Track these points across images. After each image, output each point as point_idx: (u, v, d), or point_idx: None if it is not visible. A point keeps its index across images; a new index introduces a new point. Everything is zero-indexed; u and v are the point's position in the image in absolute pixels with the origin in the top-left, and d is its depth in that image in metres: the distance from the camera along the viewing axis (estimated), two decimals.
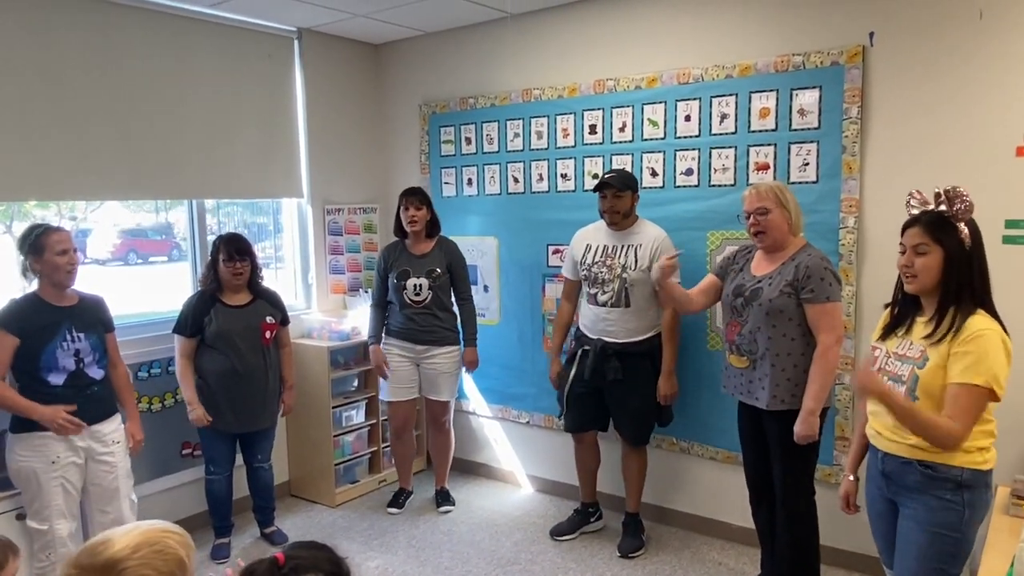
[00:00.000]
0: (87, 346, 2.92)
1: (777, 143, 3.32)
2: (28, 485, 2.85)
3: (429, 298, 3.85)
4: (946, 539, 2.04)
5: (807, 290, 2.69)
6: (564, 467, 4.09)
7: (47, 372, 2.84)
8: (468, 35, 4.30)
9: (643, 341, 3.41)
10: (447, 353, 3.94)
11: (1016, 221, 2.84)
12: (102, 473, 2.98)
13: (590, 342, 3.47)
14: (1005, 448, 2.83)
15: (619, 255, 3.40)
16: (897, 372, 2.13)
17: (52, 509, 2.85)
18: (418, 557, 3.60)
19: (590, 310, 3.50)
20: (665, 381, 3.43)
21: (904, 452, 2.11)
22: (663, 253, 3.30)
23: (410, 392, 4.01)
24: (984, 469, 2.07)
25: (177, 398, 3.78)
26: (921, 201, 2.14)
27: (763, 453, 2.94)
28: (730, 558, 3.52)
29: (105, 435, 2.99)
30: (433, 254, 3.89)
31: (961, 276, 2.04)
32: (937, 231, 2.05)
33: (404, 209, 3.84)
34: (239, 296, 3.53)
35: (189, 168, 3.84)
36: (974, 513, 2.06)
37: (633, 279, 3.36)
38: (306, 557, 1.28)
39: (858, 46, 3.10)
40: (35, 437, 2.82)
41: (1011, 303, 2.81)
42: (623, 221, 3.41)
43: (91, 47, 3.44)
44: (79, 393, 2.90)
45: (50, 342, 2.83)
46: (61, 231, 2.86)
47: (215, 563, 3.58)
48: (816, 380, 2.71)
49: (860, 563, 3.29)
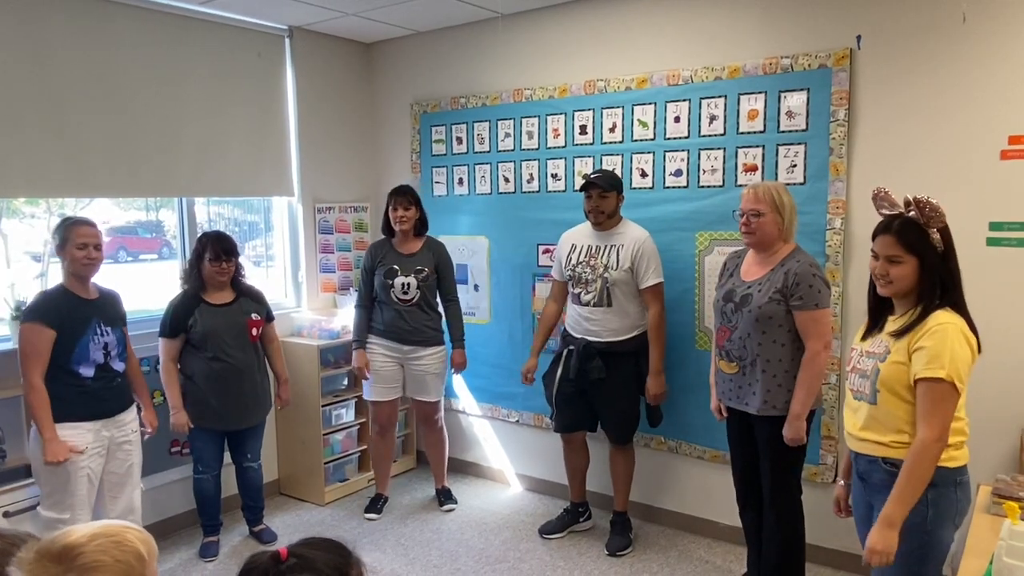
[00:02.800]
0: (114, 339, 3.00)
1: (765, 145, 3.35)
2: (54, 476, 2.86)
3: (416, 297, 3.85)
4: (911, 539, 2.02)
5: (796, 297, 2.72)
6: (553, 466, 4.10)
7: (78, 364, 2.90)
8: (459, 35, 4.31)
9: (626, 341, 3.43)
10: (434, 354, 3.95)
11: (1000, 223, 2.88)
12: (119, 460, 3.07)
13: (575, 342, 3.49)
14: (987, 447, 2.87)
15: (602, 255, 3.43)
16: (864, 369, 2.15)
17: (77, 499, 2.90)
18: (407, 555, 3.61)
19: (574, 310, 3.53)
20: (653, 381, 3.44)
21: (870, 450, 2.14)
22: (645, 254, 3.36)
23: (394, 392, 4.01)
24: (950, 467, 2.03)
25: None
26: (890, 203, 2.15)
27: (751, 455, 2.96)
28: (717, 556, 3.54)
29: (125, 424, 3.09)
30: (421, 254, 3.89)
31: (935, 281, 2.04)
32: (911, 241, 2.03)
33: (393, 208, 3.83)
34: (222, 294, 3.52)
35: (179, 166, 3.83)
36: (939, 513, 2.03)
37: (615, 279, 3.38)
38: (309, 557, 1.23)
39: (846, 49, 3.13)
40: (66, 427, 2.87)
41: (994, 304, 2.86)
42: (607, 221, 3.44)
43: (81, 44, 3.43)
44: (107, 385, 2.99)
45: (83, 335, 2.90)
46: (88, 226, 2.91)
47: (203, 561, 3.57)
48: (803, 385, 2.73)
49: (845, 561, 3.33)
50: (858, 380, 2.17)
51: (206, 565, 3.55)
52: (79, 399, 2.90)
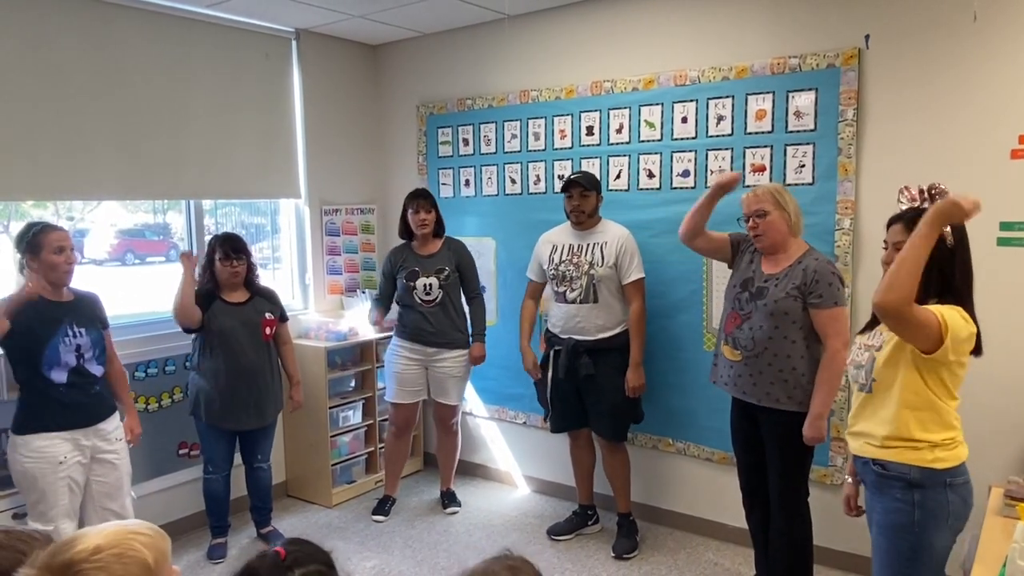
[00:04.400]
0: (87, 341, 2.92)
1: (773, 145, 3.34)
2: (33, 486, 2.81)
3: (440, 297, 3.86)
4: (899, 541, 2.01)
5: (815, 295, 2.70)
6: (561, 468, 4.09)
7: (49, 368, 2.82)
8: (466, 36, 4.31)
9: (613, 337, 3.48)
10: (456, 357, 3.95)
11: (1010, 223, 2.86)
12: (106, 470, 2.99)
13: (560, 342, 3.54)
14: (997, 449, 2.85)
15: (585, 253, 3.48)
16: (860, 360, 2.16)
17: (58, 509, 2.83)
18: (414, 557, 3.61)
19: (559, 309, 3.56)
20: (632, 372, 3.46)
21: (863, 451, 2.14)
22: (627, 251, 3.44)
23: (417, 395, 4.02)
24: (937, 468, 2.00)
25: (174, 398, 3.79)
26: (910, 197, 2.13)
27: (756, 453, 2.95)
28: (726, 558, 3.53)
29: (108, 433, 3.00)
30: (441, 254, 3.90)
31: (941, 274, 2.00)
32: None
33: (414, 212, 3.84)
34: (237, 294, 3.55)
35: (187, 168, 3.84)
36: (927, 515, 1.99)
37: (600, 275, 3.44)
38: (302, 550, 1.30)
39: (854, 48, 3.11)
40: (41, 438, 2.81)
41: (1005, 304, 2.84)
42: (588, 221, 3.51)
43: (89, 47, 3.44)
44: (82, 392, 2.90)
45: (52, 337, 2.82)
46: (59, 229, 2.86)
47: (211, 563, 3.58)
48: (824, 385, 2.72)
49: (854, 563, 3.30)
50: (854, 371, 2.18)
51: (214, 567, 3.56)
52: (53, 409, 2.82)
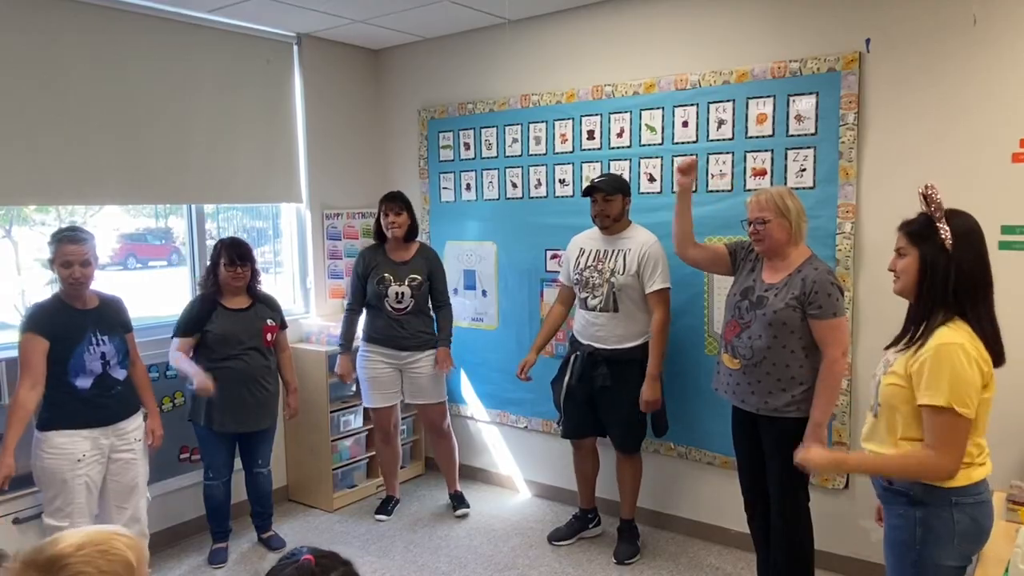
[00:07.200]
0: (111, 348, 2.96)
1: (774, 149, 3.34)
2: (52, 482, 2.86)
3: (411, 306, 3.86)
4: (903, 557, 1.97)
5: (815, 306, 2.70)
6: (562, 472, 4.09)
7: (75, 376, 2.87)
8: (467, 41, 4.32)
9: (633, 348, 3.38)
10: (430, 355, 3.94)
11: (1012, 227, 2.86)
12: (123, 470, 3.03)
13: (581, 347, 3.48)
14: (1000, 453, 2.83)
15: (609, 259, 3.41)
16: (877, 377, 2.09)
17: (75, 506, 2.88)
18: (415, 562, 3.60)
19: (581, 315, 3.52)
20: (648, 386, 3.33)
21: None
22: (651, 258, 3.32)
23: (393, 397, 4.02)
24: (944, 487, 1.90)
25: (175, 402, 3.79)
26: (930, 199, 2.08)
27: (757, 459, 2.95)
28: (727, 563, 3.52)
29: (127, 432, 3.04)
30: (414, 261, 3.88)
31: (936, 279, 1.92)
32: (913, 232, 1.97)
33: (384, 215, 3.84)
34: (238, 300, 3.55)
35: (189, 173, 3.85)
36: (928, 533, 1.92)
37: (621, 283, 3.36)
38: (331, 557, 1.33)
39: (855, 52, 3.11)
40: (62, 435, 2.86)
41: (1007, 308, 2.81)
42: (614, 225, 3.42)
43: (91, 52, 3.45)
44: (104, 394, 2.95)
45: (78, 345, 2.87)
46: (74, 242, 2.82)
47: (212, 568, 3.57)
48: (823, 394, 2.71)
49: (855, 568, 3.29)
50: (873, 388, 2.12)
51: (215, 572, 3.55)
52: (75, 406, 2.88)
